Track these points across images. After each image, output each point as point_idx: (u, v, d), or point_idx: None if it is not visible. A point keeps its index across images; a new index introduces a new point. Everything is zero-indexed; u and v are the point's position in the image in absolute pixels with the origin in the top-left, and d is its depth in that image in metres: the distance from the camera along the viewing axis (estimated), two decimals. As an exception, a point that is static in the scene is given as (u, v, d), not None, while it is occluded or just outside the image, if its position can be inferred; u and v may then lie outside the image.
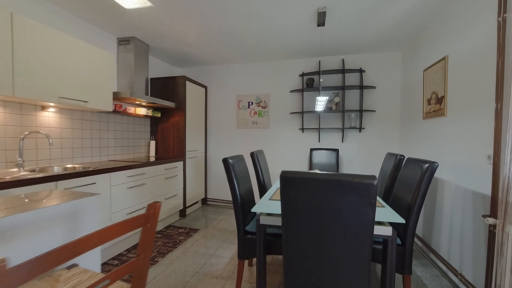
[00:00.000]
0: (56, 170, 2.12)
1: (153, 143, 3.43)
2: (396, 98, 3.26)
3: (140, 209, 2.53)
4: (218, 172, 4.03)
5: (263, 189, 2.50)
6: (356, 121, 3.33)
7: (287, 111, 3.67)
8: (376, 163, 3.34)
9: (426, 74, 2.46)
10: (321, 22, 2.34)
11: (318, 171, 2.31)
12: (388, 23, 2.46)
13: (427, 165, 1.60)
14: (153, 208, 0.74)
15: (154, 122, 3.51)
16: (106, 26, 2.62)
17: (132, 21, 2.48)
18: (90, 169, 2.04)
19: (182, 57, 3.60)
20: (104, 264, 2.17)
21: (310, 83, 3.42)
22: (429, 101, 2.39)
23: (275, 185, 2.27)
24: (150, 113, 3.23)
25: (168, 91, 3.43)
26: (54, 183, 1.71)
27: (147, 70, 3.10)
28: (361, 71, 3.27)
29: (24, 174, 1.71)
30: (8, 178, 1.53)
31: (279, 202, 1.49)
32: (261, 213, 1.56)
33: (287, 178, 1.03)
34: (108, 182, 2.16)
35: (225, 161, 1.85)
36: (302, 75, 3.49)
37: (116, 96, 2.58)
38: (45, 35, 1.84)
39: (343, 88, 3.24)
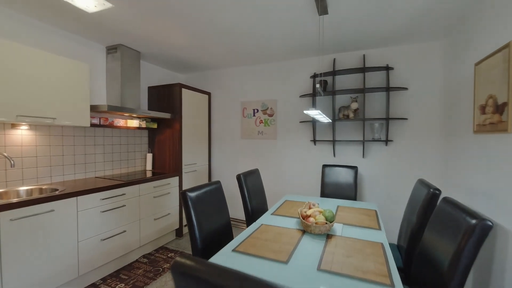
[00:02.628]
0: (23, 193, 1.97)
1: (150, 156, 3.22)
2: (435, 102, 2.50)
3: (119, 233, 2.29)
4: (223, 187, 3.67)
5: (251, 219, 2.06)
6: (380, 132, 2.65)
7: (296, 120, 3.14)
8: (406, 187, 2.62)
9: (479, 70, 1.74)
10: (320, 8, 1.80)
11: (316, 206, 1.77)
12: (423, 2, 1.80)
13: (474, 221, 0.99)
14: None
15: (152, 134, 3.31)
16: (91, 36, 2.44)
17: (111, 27, 2.25)
18: (57, 193, 1.85)
19: (180, 63, 3.33)
20: (71, 298, 1.95)
21: (323, 86, 2.84)
22: (483, 108, 1.67)
23: (264, 216, 1.79)
24: (143, 124, 3.01)
25: (164, 100, 3.18)
26: (-4, 214, 1.52)
27: (139, 79, 2.88)
28: (387, 68, 2.59)
29: (-31, 203, 1.56)
30: None
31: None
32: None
33: (178, 274, 0.59)
34: (74, 207, 1.94)
35: (183, 194, 1.46)
36: (314, 76, 2.93)
37: (97, 110, 2.38)
38: (-2, 49, 1.68)
39: (363, 90, 2.60)
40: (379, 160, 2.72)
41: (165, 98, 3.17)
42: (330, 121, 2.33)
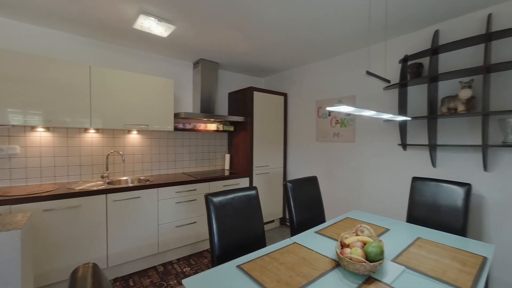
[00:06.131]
0: (130, 180, 2.65)
1: (227, 156, 3.53)
2: None
3: (190, 223, 2.64)
4: (295, 191, 3.48)
5: (295, 233, 1.84)
6: (521, 132, 1.65)
7: (379, 118, 2.50)
8: None
9: None
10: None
11: (366, 232, 1.32)
12: None
13: None
14: None
15: (230, 136, 3.61)
16: (177, 55, 2.97)
17: (187, 45, 2.64)
18: (148, 183, 2.38)
19: (254, 67, 3.44)
20: None
21: (416, 72, 2.11)
22: None
23: (304, 233, 1.53)
24: (221, 128, 3.34)
25: (240, 104, 3.39)
26: (104, 195, 2.12)
27: (216, 87, 3.20)
28: (539, 28, 1.58)
29: (99, 184, 2.26)
30: (77, 189, 2.06)
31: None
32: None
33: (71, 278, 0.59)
34: (156, 196, 2.41)
35: (206, 198, 1.48)
36: (405, 59, 2.23)
37: (179, 116, 2.84)
38: (114, 77, 2.34)
39: (486, 69, 1.71)
40: (517, 177, 1.70)
41: (240, 102, 3.37)
42: (408, 119, 1.68)
